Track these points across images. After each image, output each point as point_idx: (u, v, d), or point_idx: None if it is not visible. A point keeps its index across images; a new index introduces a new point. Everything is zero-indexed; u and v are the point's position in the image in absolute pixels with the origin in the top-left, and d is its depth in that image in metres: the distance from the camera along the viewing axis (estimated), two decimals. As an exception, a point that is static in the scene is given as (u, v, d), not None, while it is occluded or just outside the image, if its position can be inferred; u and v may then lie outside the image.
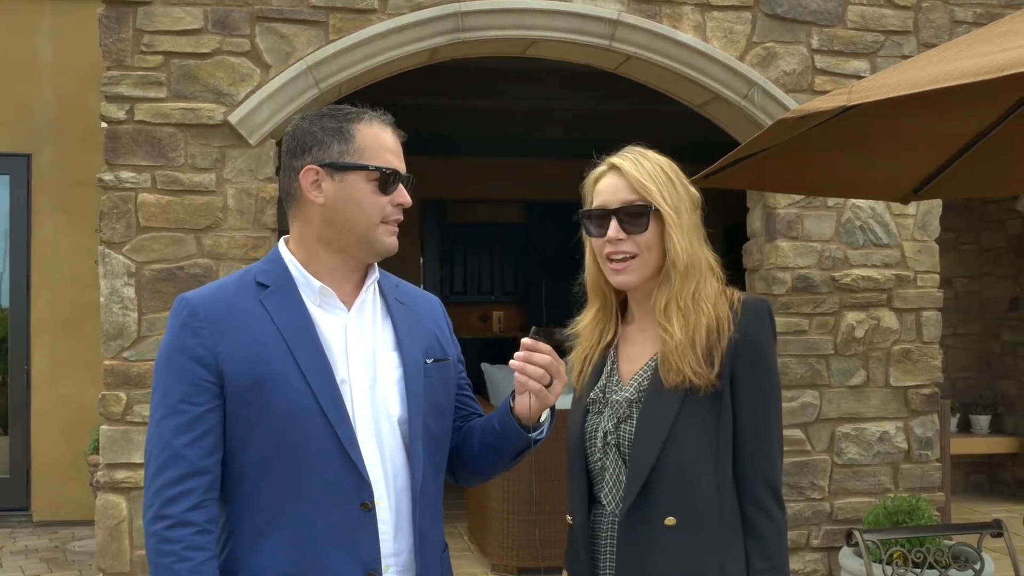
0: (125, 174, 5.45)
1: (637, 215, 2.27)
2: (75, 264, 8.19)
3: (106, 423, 5.42)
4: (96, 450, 6.25)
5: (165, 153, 5.49)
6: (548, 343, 2.16)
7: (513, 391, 2.22)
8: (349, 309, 2.18)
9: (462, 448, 2.34)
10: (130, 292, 5.44)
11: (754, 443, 2.22)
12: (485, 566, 6.74)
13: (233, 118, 5.52)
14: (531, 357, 2.13)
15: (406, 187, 2.19)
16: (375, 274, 2.23)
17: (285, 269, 2.18)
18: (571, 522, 2.36)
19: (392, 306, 2.24)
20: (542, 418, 2.21)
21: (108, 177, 5.44)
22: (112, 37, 5.46)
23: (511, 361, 2.15)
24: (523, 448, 2.23)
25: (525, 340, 2.14)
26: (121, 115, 5.46)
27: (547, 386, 2.14)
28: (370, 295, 2.23)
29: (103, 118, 5.48)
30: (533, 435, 2.21)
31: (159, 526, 2.01)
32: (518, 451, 2.25)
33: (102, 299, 5.44)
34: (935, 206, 6.34)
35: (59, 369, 8.33)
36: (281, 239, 2.25)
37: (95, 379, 6.04)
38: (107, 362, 5.42)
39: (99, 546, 5.44)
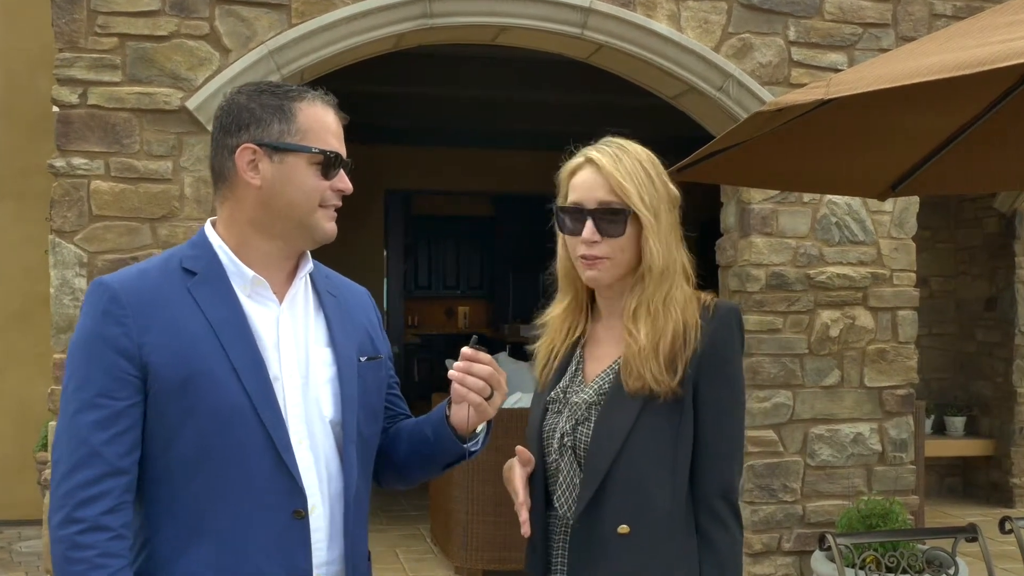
0: (77, 160, 5.28)
1: (614, 218, 2.16)
2: (25, 254, 7.95)
3: (55, 419, 5.23)
4: (44, 447, 6.07)
5: (120, 139, 5.32)
6: (490, 352, 2.07)
7: (448, 399, 2.11)
8: (281, 301, 2.05)
9: (388, 452, 2.22)
10: (81, 283, 5.27)
11: (714, 457, 2.14)
12: (448, 569, 6.62)
13: (191, 104, 5.35)
14: (471, 368, 2.03)
15: (347, 172, 2.07)
16: (308, 264, 2.10)
17: (214, 255, 2.03)
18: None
19: (324, 298, 2.12)
20: (478, 429, 2.12)
21: (59, 163, 5.28)
22: (65, 17, 5.28)
23: (450, 372, 2.05)
24: (456, 458, 2.14)
25: (465, 350, 2.04)
26: (74, 99, 5.29)
27: (487, 398, 2.04)
28: (302, 287, 2.09)
29: (55, 102, 5.32)
30: (468, 446, 2.11)
31: (70, 531, 1.84)
32: (450, 461, 2.16)
33: (52, 290, 5.30)
34: (912, 203, 6.26)
35: (7, 362, 8.11)
36: (208, 221, 2.10)
37: (44, 373, 5.88)
38: (57, 356, 5.26)
39: (46, 546, 5.29)
